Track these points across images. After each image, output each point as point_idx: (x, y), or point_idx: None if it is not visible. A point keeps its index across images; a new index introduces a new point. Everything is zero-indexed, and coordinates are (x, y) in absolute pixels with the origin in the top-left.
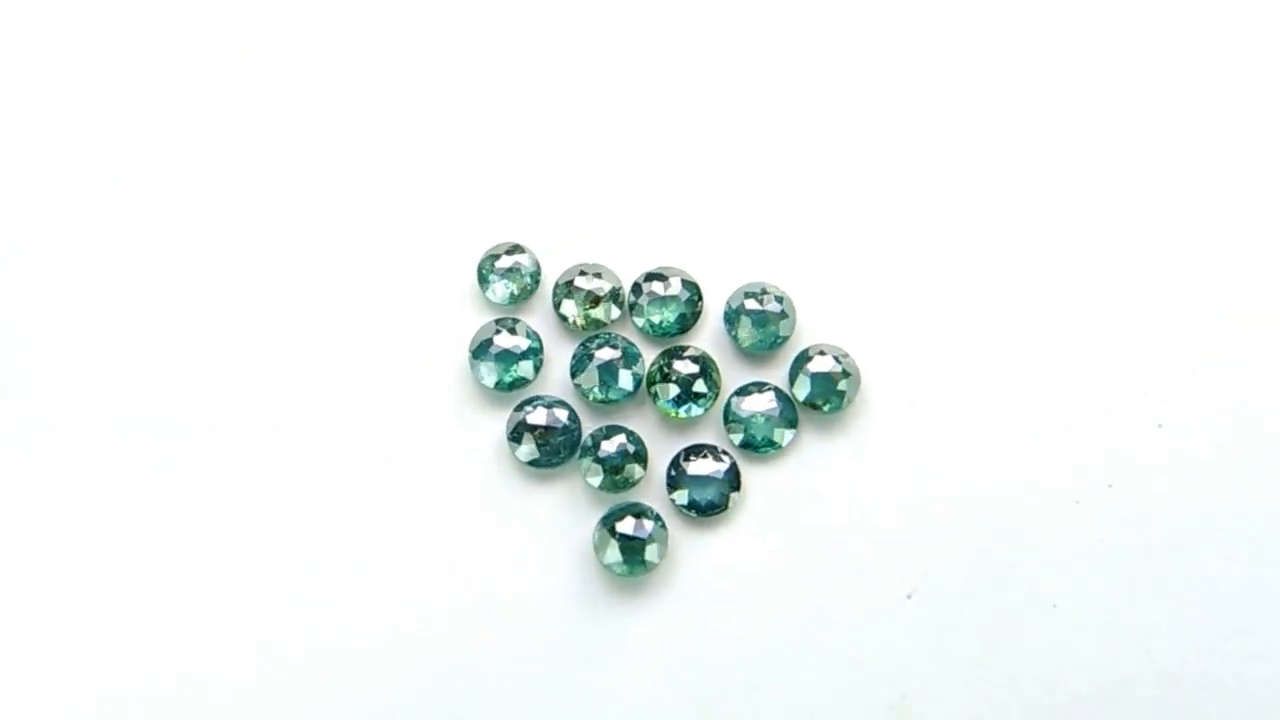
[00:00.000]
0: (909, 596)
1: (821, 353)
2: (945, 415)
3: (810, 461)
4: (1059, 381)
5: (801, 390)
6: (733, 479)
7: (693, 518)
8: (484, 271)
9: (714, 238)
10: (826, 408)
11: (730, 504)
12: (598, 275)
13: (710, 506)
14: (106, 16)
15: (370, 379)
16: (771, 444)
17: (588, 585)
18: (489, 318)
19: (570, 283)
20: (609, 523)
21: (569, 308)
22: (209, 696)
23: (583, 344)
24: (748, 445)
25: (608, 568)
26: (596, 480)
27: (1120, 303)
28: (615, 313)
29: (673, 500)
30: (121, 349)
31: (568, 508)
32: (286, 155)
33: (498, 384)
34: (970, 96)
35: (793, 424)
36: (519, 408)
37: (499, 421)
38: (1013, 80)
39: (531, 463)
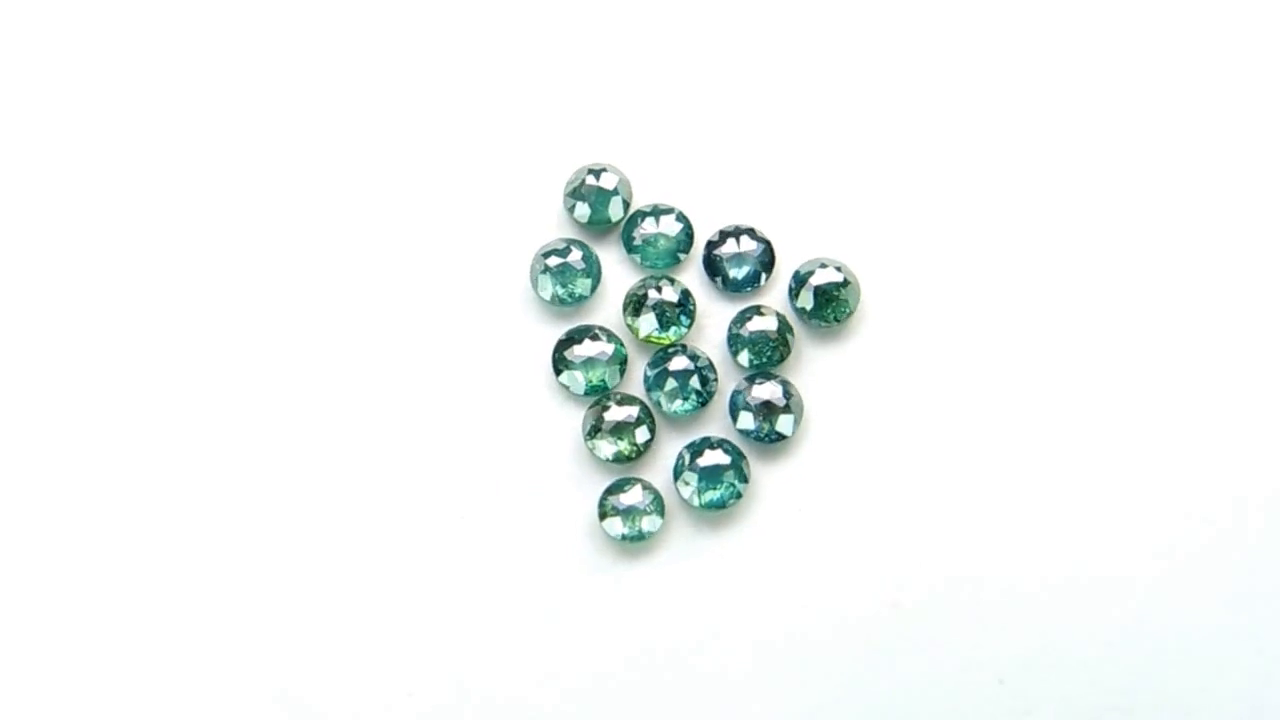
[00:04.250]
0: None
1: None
2: (949, 418)
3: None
4: (1060, 382)
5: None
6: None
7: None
8: None
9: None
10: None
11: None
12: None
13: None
14: (107, 16)
15: (371, 379)
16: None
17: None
18: (493, 310)
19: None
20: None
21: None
22: (212, 697)
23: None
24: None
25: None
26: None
27: (1120, 302)
28: (644, 436)
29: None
30: (121, 349)
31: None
32: (284, 155)
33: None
34: (969, 98)
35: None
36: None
37: (502, 422)
38: (1014, 81)
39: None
